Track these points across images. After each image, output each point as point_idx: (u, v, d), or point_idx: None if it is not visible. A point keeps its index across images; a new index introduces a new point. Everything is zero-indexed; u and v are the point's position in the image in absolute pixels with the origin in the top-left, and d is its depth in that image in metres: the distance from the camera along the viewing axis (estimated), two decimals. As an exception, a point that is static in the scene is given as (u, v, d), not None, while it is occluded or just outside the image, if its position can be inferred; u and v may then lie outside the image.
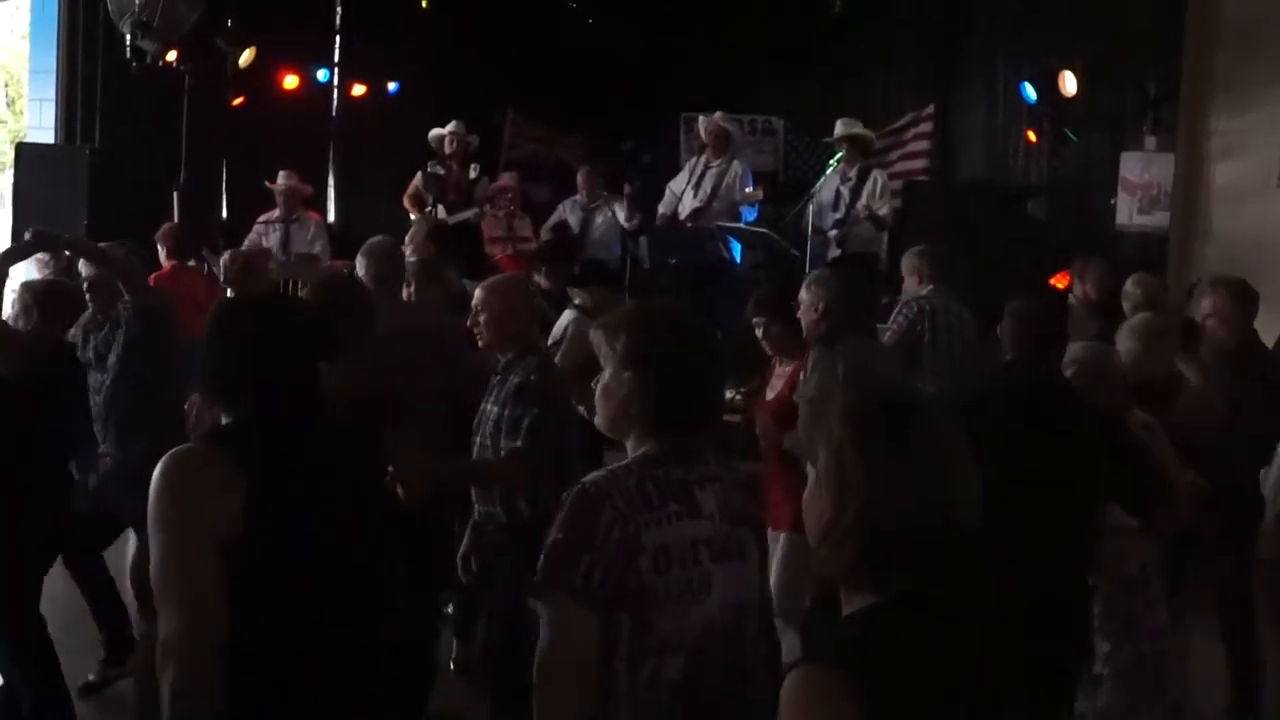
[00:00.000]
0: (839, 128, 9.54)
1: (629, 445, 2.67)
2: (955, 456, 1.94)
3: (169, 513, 2.54)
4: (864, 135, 9.66)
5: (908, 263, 7.17)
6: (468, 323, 4.57)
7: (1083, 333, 6.07)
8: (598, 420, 2.72)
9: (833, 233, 9.35)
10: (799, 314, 5.67)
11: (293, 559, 2.62)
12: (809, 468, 2.02)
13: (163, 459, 2.61)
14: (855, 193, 9.37)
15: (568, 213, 10.63)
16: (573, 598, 2.46)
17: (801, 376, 5.35)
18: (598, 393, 2.69)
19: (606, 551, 2.46)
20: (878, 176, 9.47)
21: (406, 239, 7.73)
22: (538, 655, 2.50)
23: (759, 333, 5.74)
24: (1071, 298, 7.49)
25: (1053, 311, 4.20)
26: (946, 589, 1.93)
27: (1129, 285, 6.71)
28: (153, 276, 7.19)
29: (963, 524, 1.91)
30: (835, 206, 9.46)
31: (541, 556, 2.51)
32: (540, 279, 7.11)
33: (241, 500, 2.55)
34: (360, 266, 5.33)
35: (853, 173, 9.45)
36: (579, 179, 10.73)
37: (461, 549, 4.61)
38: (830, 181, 9.61)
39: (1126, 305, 6.57)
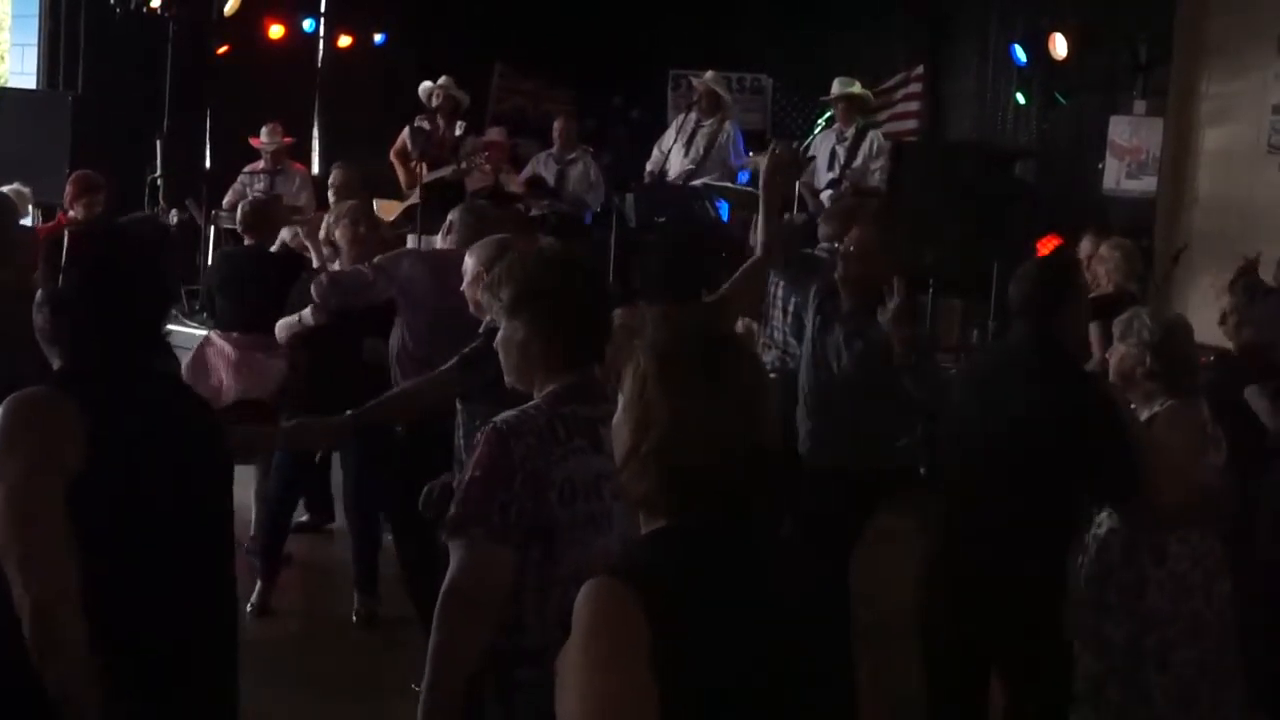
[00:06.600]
0: (835, 87, 9.44)
1: (535, 390, 2.74)
2: (759, 395, 2.01)
3: (8, 461, 2.40)
4: (861, 95, 9.57)
5: None
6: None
7: None
8: (506, 377, 2.81)
9: (826, 193, 9.27)
10: None
11: (136, 513, 2.53)
12: (619, 394, 2.07)
13: (4, 403, 2.48)
14: (851, 153, 9.30)
15: (541, 166, 10.42)
16: (490, 534, 2.52)
17: None
18: (499, 348, 2.78)
19: (523, 487, 2.54)
20: (874, 138, 9.41)
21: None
22: (447, 589, 2.53)
23: None
24: None
25: None
26: (741, 518, 1.97)
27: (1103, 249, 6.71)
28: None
29: (761, 460, 1.96)
30: (830, 166, 9.38)
31: (458, 494, 2.58)
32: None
33: (85, 447, 2.44)
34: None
35: (849, 132, 9.39)
36: (556, 128, 10.43)
37: None
38: (826, 139, 9.52)
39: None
